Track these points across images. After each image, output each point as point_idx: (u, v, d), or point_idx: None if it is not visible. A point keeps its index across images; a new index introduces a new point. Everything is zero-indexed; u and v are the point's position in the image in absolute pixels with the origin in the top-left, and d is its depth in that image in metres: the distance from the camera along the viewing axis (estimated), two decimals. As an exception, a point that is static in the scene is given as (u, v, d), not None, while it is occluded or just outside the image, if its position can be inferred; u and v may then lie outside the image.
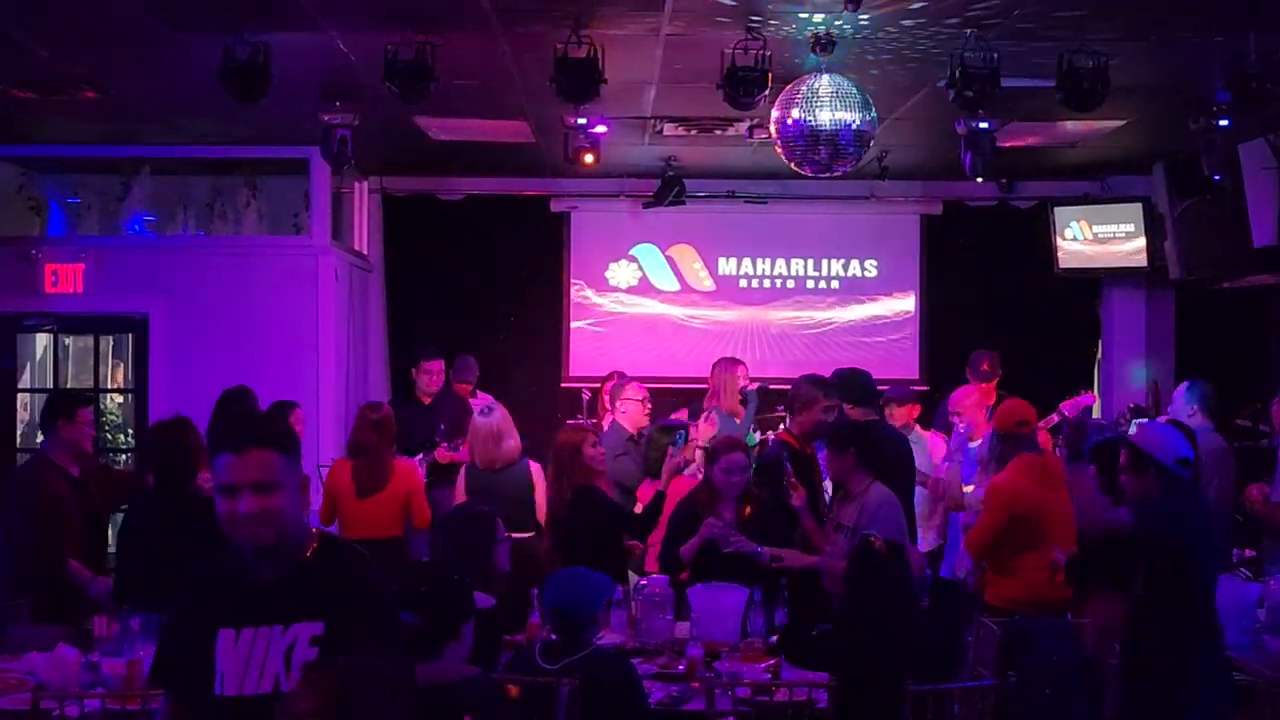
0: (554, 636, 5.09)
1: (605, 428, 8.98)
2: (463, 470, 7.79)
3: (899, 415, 9.08)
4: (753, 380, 9.32)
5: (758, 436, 9.17)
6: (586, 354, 12.08)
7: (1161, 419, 8.04)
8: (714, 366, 9.33)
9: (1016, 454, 6.85)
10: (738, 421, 9.00)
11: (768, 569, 6.52)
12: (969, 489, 7.92)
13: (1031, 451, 6.93)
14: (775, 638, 6.15)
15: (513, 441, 7.67)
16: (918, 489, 8.03)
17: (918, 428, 9.32)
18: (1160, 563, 5.26)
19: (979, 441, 8.20)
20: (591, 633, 5.09)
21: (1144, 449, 5.43)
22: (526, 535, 7.38)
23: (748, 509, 6.79)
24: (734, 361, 9.45)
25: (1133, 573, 5.44)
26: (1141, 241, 10.83)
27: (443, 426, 9.34)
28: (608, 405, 9.98)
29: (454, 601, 4.12)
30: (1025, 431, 6.99)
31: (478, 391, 10.54)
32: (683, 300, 12.29)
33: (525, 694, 4.66)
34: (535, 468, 7.71)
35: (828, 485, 7.42)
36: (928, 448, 9.04)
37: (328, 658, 3.06)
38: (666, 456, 7.47)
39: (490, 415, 7.69)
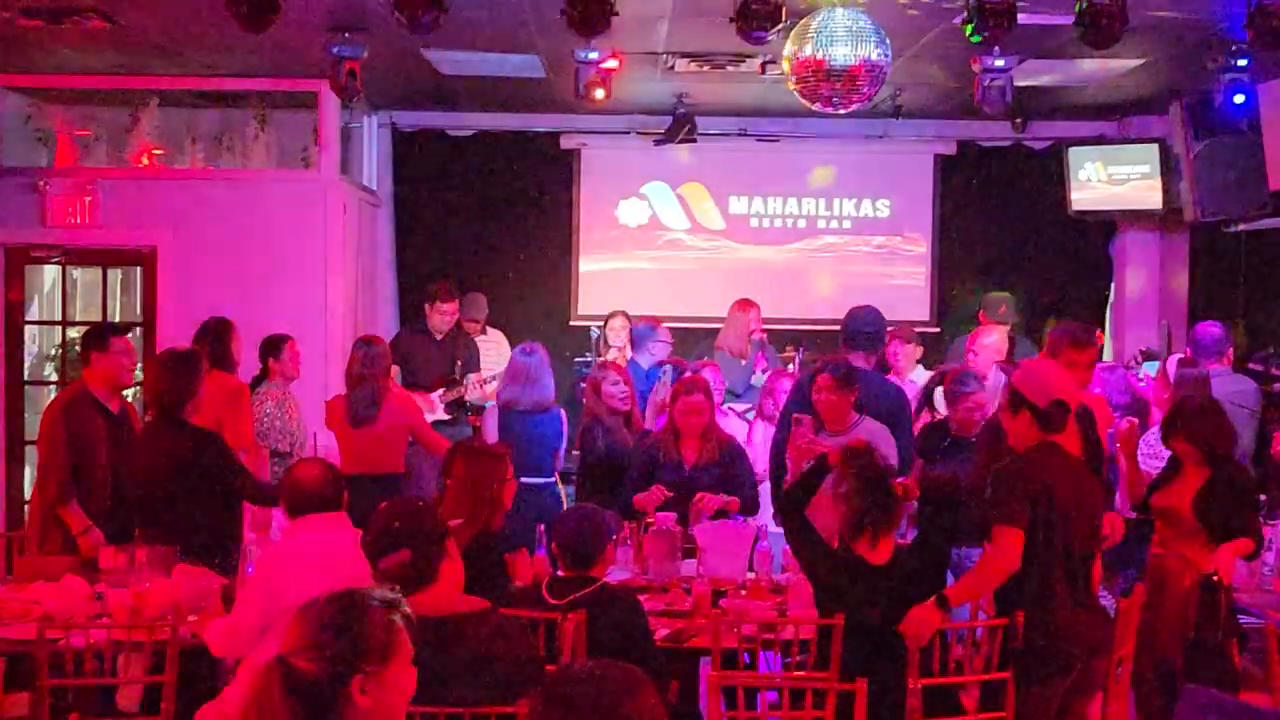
0: (561, 573, 5.10)
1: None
2: (494, 410, 7.81)
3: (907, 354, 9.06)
4: (763, 328, 9.34)
5: (765, 378, 9.16)
6: (595, 292, 12.01)
7: (1173, 360, 8.00)
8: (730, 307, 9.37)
9: None
10: (742, 363, 9.00)
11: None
12: None
13: None
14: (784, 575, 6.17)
15: (550, 387, 7.74)
16: None
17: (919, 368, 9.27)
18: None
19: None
20: (599, 569, 5.10)
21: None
22: (548, 480, 7.49)
23: (714, 449, 6.97)
24: (747, 303, 9.46)
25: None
26: (1157, 183, 10.73)
27: (460, 362, 9.34)
28: (607, 342, 10.00)
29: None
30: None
31: (487, 328, 10.52)
32: (693, 239, 12.22)
33: (532, 629, 4.66)
34: (564, 416, 7.78)
35: None
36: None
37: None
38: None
39: (532, 356, 7.73)
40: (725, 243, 12.20)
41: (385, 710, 2.81)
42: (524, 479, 6.14)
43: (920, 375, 9.05)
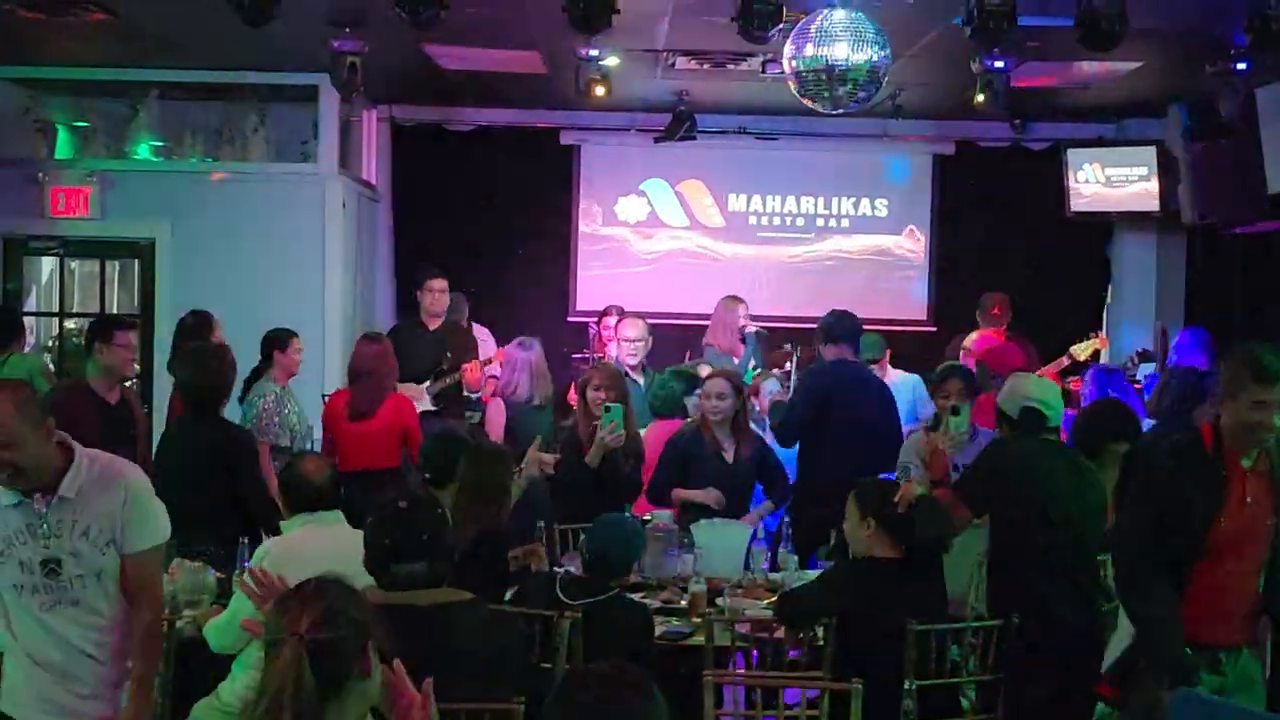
0: (581, 574, 5.11)
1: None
2: (499, 403, 7.92)
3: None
4: (754, 320, 9.32)
5: (756, 374, 9.15)
6: (594, 288, 12.02)
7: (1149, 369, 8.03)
8: (717, 304, 9.37)
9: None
10: (735, 360, 9.00)
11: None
12: None
13: None
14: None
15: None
16: None
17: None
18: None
19: None
20: (620, 580, 5.12)
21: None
22: None
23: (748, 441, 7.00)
24: (735, 300, 9.46)
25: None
26: (1154, 185, 10.74)
27: (449, 354, 9.29)
28: (603, 339, 10.00)
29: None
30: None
31: (472, 325, 10.48)
32: (692, 236, 12.23)
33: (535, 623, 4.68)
34: None
35: None
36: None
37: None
38: (597, 429, 6.74)
39: (532, 349, 7.94)
40: (724, 240, 12.21)
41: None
42: None
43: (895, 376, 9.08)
